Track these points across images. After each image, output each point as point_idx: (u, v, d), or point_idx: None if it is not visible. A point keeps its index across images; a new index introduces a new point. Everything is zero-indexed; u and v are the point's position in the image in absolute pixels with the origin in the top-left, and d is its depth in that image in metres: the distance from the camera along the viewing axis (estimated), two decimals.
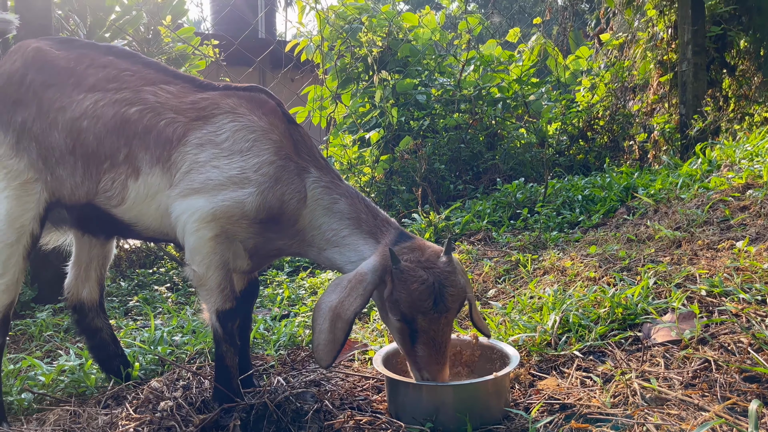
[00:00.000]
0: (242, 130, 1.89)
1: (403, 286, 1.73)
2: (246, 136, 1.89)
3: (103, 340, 2.33)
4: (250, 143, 1.89)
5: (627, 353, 2.05)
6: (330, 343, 1.72)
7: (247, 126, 1.89)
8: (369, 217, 1.94)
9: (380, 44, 5.87)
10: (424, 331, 1.74)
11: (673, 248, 2.99)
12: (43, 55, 1.95)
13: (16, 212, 1.93)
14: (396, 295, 1.74)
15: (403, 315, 1.74)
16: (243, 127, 1.89)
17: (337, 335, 1.72)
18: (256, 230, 1.90)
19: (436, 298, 1.73)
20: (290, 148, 1.93)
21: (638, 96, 6.39)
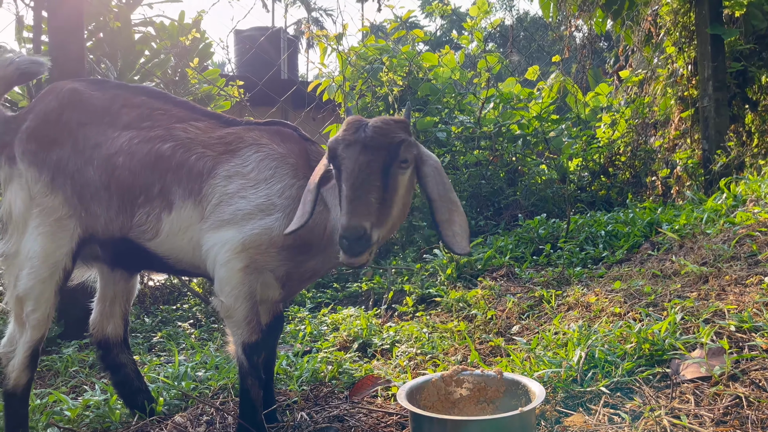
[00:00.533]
0: (265, 159, 1.96)
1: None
2: (269, 164, 1.97)
3: (128, 376, 2.35)
4: (272, 170, 1.96)
5: (655, 390, 2.01)
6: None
7: (269, 155, 1.97)
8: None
9: (401, 83, 5.97)
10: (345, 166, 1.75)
11: (700, 284, 2.95)
12: (78, 95, 2.03)
13: (50, 248, 1.99)
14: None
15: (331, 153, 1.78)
16: (266, 156, 1.96)
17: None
18: (285, 256, 1.93)
19: (357, 129, 1.78)
20: (306, 167, 1.99)
21: (660, 132, 6.38)
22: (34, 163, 2.00)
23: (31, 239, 1.99)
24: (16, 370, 2.04)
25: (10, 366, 2.05)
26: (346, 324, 3.40)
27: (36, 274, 1.98)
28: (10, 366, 2.05)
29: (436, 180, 1.80)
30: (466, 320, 3.21)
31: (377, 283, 4.16)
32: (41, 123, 2.03)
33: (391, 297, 3.87)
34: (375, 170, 1.69)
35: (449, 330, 3.04)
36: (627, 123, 6.28)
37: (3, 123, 2.07)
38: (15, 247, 2.02)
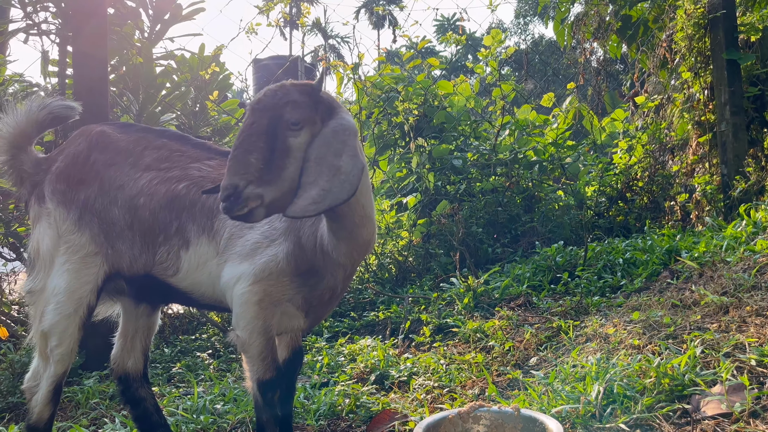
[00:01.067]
0: None
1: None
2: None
3: (147, 410, 2.38)
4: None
5: (675, 427, 1.99)
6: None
7: None
8: None
9: (416, 112, 6.03)
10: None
11: (720, 314, 2.92)
12: (105, 137, 2.11)
13: (75, 285, 2.04)
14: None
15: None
16: None
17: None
18: (299, 283, 1.94)
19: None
20: None
21: (677, 156, 6.35)
22: (63, 202, 2.07)
23: (57, 275, 2.04)
24: (40, 404, 2.08)
25: (34, 400, 2.09)
26: (363, 355, 3.40)
27: (61, 309, 2.03)
28: (33, 400, 2.09)
29: (323, 141, 1.73)
30: (483, 351, 3.20)
31: (394, 312, 4.16)
32: (71, 164, 2.10)
33: (408, 326, 3.87)
34: (258, 132, 1.68)
35: (467, 362, 3.03)
36: (644, 148, 6.26)
37: (35, 164, 2.15)
38: (42, 283, 2.07)
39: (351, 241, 1.89)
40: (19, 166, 2.17)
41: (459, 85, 6.40)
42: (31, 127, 2.16)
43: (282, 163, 1.68)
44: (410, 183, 6.12)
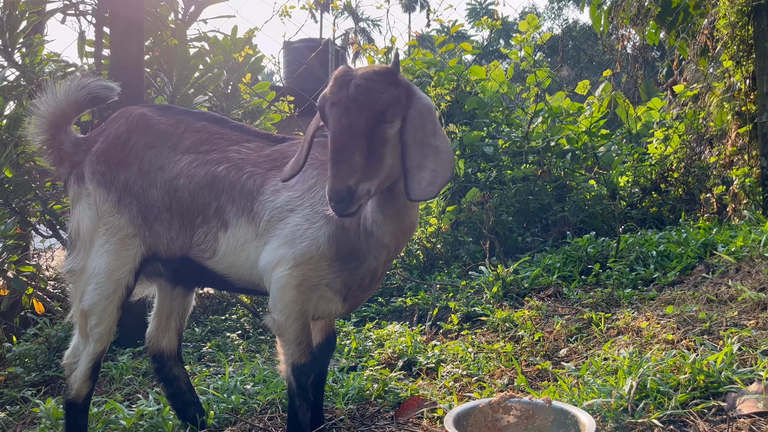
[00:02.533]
0: (308, 169, 1.99)
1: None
2: (311, 173, 2.00)
3: (180, 389, 2.42)
4: (314, 179, 1.99)
5: (710, 424, 1.96)
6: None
7: (311, 164, 2.00)
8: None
9: (448, 97, 5.97)
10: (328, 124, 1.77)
11: (758, 311, 2.86)
12: (145, 119, 2.13)
13: (114, 266, 2.08)
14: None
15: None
16: (309, 166, 1.99)
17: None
18: (338, 267, 1.94)
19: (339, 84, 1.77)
20: None
21: (715, 147, 6.20)
22: (103, 184, 2.10)
23: (97, 257, 2.08)
24: (78, 380, 2.13)
25: (73, 377, 2.14)
26: (391, 341, 3.41)
27: (100, 290, 2.07)
28: (72, 377, 2.14)
29: (416, 123, 1.72)
30: (512, 341, 3.19)
31: (422, 298, 4.16)
32: (111, 146, 2.12)
33: (436, 314, 3.87)
34: (358, 132, 1.67)
35: (495, 351, 3.02)
36: (680, 138, 6.12)
37: (74, 144, 2.18)
38: (82, 263, 2.11)
39: (398, 221, 1.90)
40: (58, 146, 2.19)
41: (492, 70, 6.32)
42: (70, 107, 2.18)
43: (381, 152, 1.70)
44: None
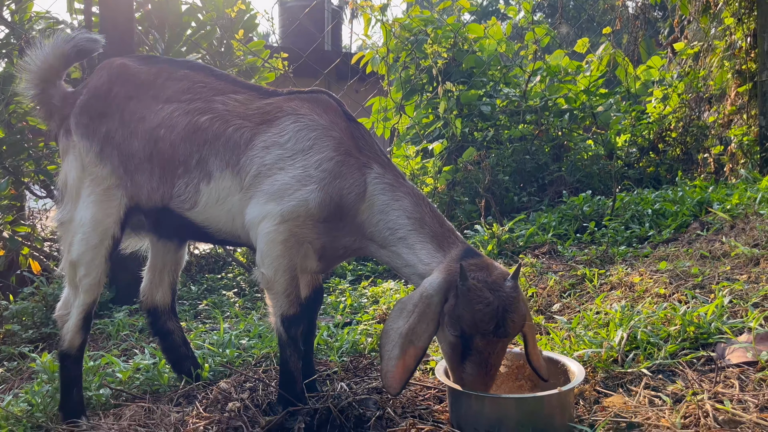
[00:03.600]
0: (304, 130, 1.96)
1: (467, 305, 1.72)
2: (307, 135, 1.96)
3: (175, 342, 2.44)
4: (311, 141, 1.95)
5: (699, 373, 1.98)
6: (401, 370, 1.71)
7: (308, 125, 1.96)
8: (434, 222, 1.93)
9: (445, 55, 5.88)
10: (479, 352, 1.73)
11: (751, 266, 2.87)
12: (127, 69, 2.09)
13: (99, 216, 2.07)
14: (458, 312, 1.73)
15: (462, 332, 1.73)
16: (304, 126, 1.96)
17: (408, 362, 1.71)
18: (322, 230, 1.95)
19: (498, 322, 1.71)
20: (351, 145, 1.98)
21: (714, 107, 6.14)
22: (86, 135, 2.08)
23: (83, 207, 2.07)
24: (71, 332, 2.14)
25: (65, 328, 2.15)
26: (386, 297, 3.43)
27: (87, 240, 2.07)
28: (65, 328, 2.15)
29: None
30: None
31: None
32: (92, 97, 2.10)
33: None
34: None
35: None
36: (680, 97, 6.06)
37: (63, 98, 2.16)
38: (70, 214, 2.11)
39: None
40: (48, 101, 2.18)
41: (490, 28, 6.21)
42: (57, 61, 2.16)
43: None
44: (437, 129, 6.03)
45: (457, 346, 1.76)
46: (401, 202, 1.95)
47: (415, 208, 1.94)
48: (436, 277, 1.79)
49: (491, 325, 1.70)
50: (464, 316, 1.71)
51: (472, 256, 1.83)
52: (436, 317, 1.74)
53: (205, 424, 1.99)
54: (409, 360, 1.71)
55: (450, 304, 1.76)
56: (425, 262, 1.87)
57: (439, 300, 1.75)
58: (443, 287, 1.76)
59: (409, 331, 1.72)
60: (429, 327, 1.72)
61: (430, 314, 1.73)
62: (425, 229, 1.91)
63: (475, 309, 1.70)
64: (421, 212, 1.94)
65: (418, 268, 1.89)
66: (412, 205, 1.94)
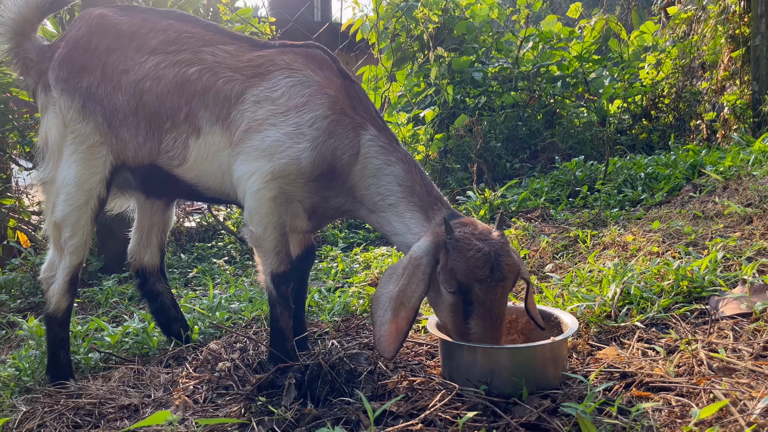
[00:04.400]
0: (298, 86, 1.89)
1: (459, 255, 1.68)
2: (301, 91, 1.89)
3: (164, 304, 2.40)
4: (305, 98, 1.89)
5: (692, 326, 1.97)
6: (394, 333, 1.66)
7: (302, 81, 1.90)
8: (422, 190, 1.88)
9: (436, 21, 5.79)
10: (481, 303, 1.69)
11: (744, 224, 2.85)
12: (106, 20, 2.01)
13: (84, 175, 2.00)
14: (451, 264, 1.69)
15: (459, 284, 1.69)
16: (298, 82, 1.90)
17: (400, 324, 1.66)
18: (312, 189, 1.91)
19: (492, 266, 1.67)
20: (346, 104, 1.92)
21: (707, 73, 6.10)
22: (66, 90, 2.00)
23: (66, 166, 2.01)
24: (57, 294, 2.09)
25: (51, 290, 2.10)
26: (378, 262, 3.41)
27: (71, 200, 2.01)
28: (50, 291, 2.11)
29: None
30: None
31: None
32: (72, 50, 2.02)
33: None
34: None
35: None
36: (673, 63, 6.00)
37: (39, 52, 2.08)
38: (52, 174, 2.04)
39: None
40: (23, 55, 2.09)
41: None
42: (32, 12, 2.07)
43: None
44: (428, 96, 5.96)
45: (457, 305, 1.72)
46: (393, 168, 1.90)
47: (406, 175, 1.89)
48: (424, 241, 1.76)
49: (486, 269, 1.67)
50: (458, 267, 1.67)
51: (456, 218, 1.81)
52: (426, 278, 1.70)
53: (195, 384, 1.97)
54: (401, 322, 1.67)
55: (442, 262, 1.72)
56: (414, 232, 1.84)
57: (428, 261, 1.72)
58: (431, 249, 1.73)
59: (399, 293, 1.69)
60: (419, 287, 1.69)
61: (420, 275, 1.70)
62: (414, 197, 1.88)
63: (467, 257, 1.67)
64: (411, 179, 1.89)
65: (407, 237, 1.85)
66: (404, 171, 1.90)
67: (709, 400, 1.45)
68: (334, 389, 1.76)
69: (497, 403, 1.58)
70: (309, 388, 1.78)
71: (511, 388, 1.62)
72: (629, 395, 1.56)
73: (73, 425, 1.79)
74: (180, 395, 1.90)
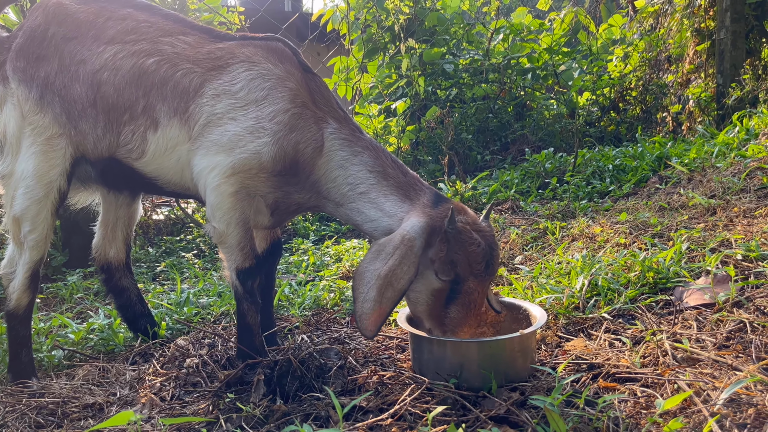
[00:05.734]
0: (257, 79, 1.85)
1: (460, 247, 1.68)
2: (261, 85, 1.85)
3: (130, 300, 2.35)
4: (265, 92, 1.85)
5: (658, 316, 2.00)
6: (376, 312, 1.64)
7: (262, 74, 1.86)
8: (397, 173, 1.85)
9: (407, 12, 5.77)
10: (468, 293, 1.70)
11: (708, 215, 2.91)
12: (63, 9, 1.95)
13: (43, 168, 1.94)
14: (452, 256, 1.69)
15: (456, 276, 1.70)
16: (258, 75, 1.85)
17: (384, 305, 1.64)
18: (274, 184, 1.87)
19: (488, 262, 1.70)
20: (307, 97, 1.89)
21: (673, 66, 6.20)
22: (24, 81, 1.94)
23: (25, 159, 1.95)
24: (17, 291, 2.03)
25: (11, 287, 2.04)
26: (349, 255, 3.40)
27: (31, 194, 1.95)
28: (10, 287, 2.04)
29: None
30: None
31: None
32: (28, 39, 1.95)
33: None
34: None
35: None
36: (640, 56, 6.09)
37: None
38: (10, 167, 1.98)
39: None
40: None
41: None
42: None
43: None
44: (400, 88, 5.95)
45: (442, 291, 1.73)
46: (361, 157, 1.87)
47: (375, 161, 1.86)
48: (417, 221, 1.72)
49: (483, 264, 1.69)
50: (459, 260, 1.68)
51: (443, 201, 1.79)
52: (417, 261, 1.68)
53: (162, 381, 1.94)
54: (386, 303, 1.65)
55: (438, 249, 1.71)
56: (390, 214, 1.81)
57: (421, 244, 1.70)
58: (425, 231, 1.71)
59: (389, 272, 1.65)
60: (410, 270, 1.66)
61: (412, 257, 1.67)
62: (389, 180, 1.84)
63: (468, 251, 1.67)
64: (382, 164, 1.86)
65: (382, 221, 1.82)
66: (372, 158, 1.86)
67: (674, 390, 1.48)
68: (303, 385, 1.75)
69: (467, 396, 1.58)
70: (278, 384, 1.76)
71: (481, 381, 1.63)
72: (596, 386, 1.58)
73: (36, 425, 1.74)
74: (146, 393, 1.86)
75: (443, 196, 1.82)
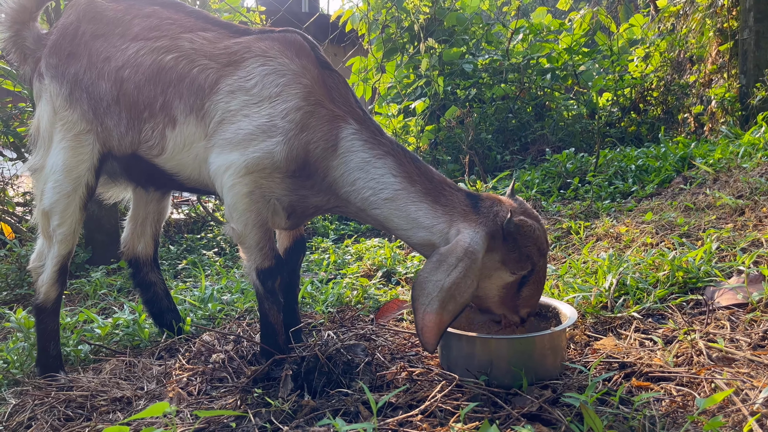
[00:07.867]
0: (272, 75, 1.81)
1: (527, 239, 1.69)
2: (275, 81, 1.81)
3: (157, 295, 2.37)
4: (279, 88, 1.81)
5: (689, 316, 1.97)
6: (437, 325, 1.60)
7: (277, 70, 1.82)
8: (423, 178, 1.78)
9: (427, 12, 5.76)
10: (539, 272, 1.74)
11: (736, 216, 2.87)
12: (95, 7, 1.97)
13: (72, 163, 1.96)
14: (525, 251, 1.69)
15: (533, 264, 1.71)
16: (273, 71, 1.82)
17: (445, 317, 1.60)
18: (289, 186, 1.84)
19: (546, 237, 1.75)
20: (323, 95, 1.84)
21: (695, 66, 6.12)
22: (56, 77, 1.96)
23: (55, 153, 1.97)
24: (46, 284, 2.05)
25: (40, 280, 2.06)
26: (371, 253, 3.39)
27: (60, 188, 1.97)
28: (39, 280, 2.06)
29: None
30: None
31: None
32: (61, 37, 1.98)
33: None
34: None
35: None
36: (661, 56, 6.02)
37: (36, 39, 2.04)
38: (42, 161, 2.01)
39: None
40: (21, 43, 2.06)
41: None
42: (31, 1, 2.05)
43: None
44: (419, 88, 5.93)
45: (516, 282, 1.73)
46: (384, 160, 1.79)
47: (399, 165, 1.79)
48: (475, 233, 1.67)
49: (547, 241, 1.74)
50: (531, 251, 1.69)
51: (478, 199, 1.75)
52: (479, 273, 1.65)
53: (189, 376, 1.94)
54: (446, 316, 1.61)
55: (503, 251, 1.69)
56: (425, 226, 1.74)
57: (482, 255, 1.66)
58: (486, 240, 1.67)
59: (452, 285, 1.60)
60: (473, 283, 1.63)
61: (475, 270, 1.63)
62: (416, 186, 1.77)
63: (534, 237, 1.69)
64: (407, 169, 1.78)
65: (416, 233, 1.76)
66: (396, 162, 1.79)
67: (711, 389, 1.45)
68: (331, 381, 1.74)
69: (497, 393, 1.56)
70: (305, 379, 1.76)
71: (510, 378, 1.61)
72: (629, 385, 1.56)
73: (65, 418, 1.75)
74: (174, 387, 1.87)
75: (474, 194, 1.78)
